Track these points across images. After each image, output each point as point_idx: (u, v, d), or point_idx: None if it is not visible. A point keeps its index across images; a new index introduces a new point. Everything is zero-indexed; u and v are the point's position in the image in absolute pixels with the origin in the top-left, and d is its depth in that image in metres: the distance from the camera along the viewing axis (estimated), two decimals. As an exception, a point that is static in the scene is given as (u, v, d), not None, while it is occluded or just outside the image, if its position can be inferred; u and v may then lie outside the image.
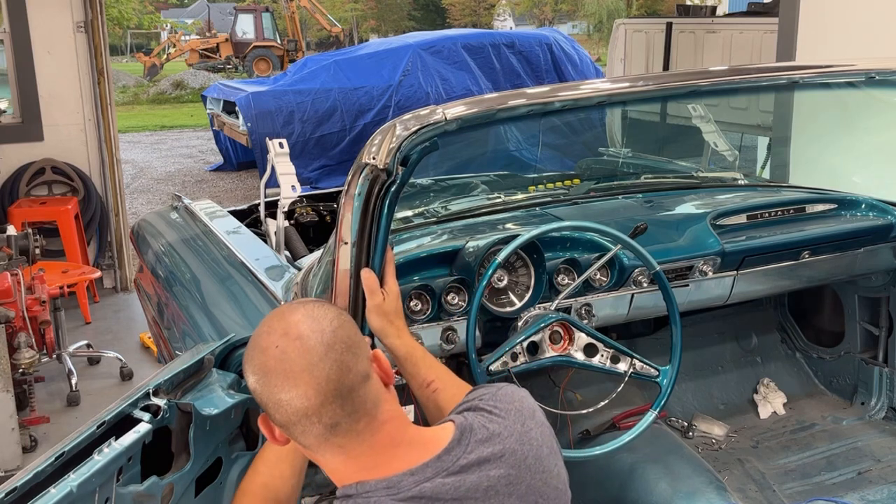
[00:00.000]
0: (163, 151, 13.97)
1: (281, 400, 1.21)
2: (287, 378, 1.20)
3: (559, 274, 2.34)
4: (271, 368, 1.22)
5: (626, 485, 2.35)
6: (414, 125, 1.60)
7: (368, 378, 1.25)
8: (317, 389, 1.20)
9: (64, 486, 1.40)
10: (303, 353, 1.21)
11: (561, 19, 40.97)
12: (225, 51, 27.13)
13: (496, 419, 1.32)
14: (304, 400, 1.20)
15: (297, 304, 1.30)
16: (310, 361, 1.20)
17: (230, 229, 3.10)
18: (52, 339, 4.11)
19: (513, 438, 1.30)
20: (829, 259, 2.71)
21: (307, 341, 1.22)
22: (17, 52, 5.77)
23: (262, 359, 1.23)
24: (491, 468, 1.25)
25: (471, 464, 1.24)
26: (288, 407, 1.21)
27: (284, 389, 1.21)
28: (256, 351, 1.25)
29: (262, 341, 1.25)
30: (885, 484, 2.62)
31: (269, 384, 1.22)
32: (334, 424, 1.21)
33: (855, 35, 4.32)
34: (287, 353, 1.21)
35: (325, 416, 1.20)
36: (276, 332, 1.24)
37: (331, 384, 1.20)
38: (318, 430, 1.21)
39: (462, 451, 1.25)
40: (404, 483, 1.21)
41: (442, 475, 1.22)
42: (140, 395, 1.67)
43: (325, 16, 29.33)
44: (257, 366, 1.24)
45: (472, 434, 1.28)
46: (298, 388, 1.20)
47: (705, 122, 3.82)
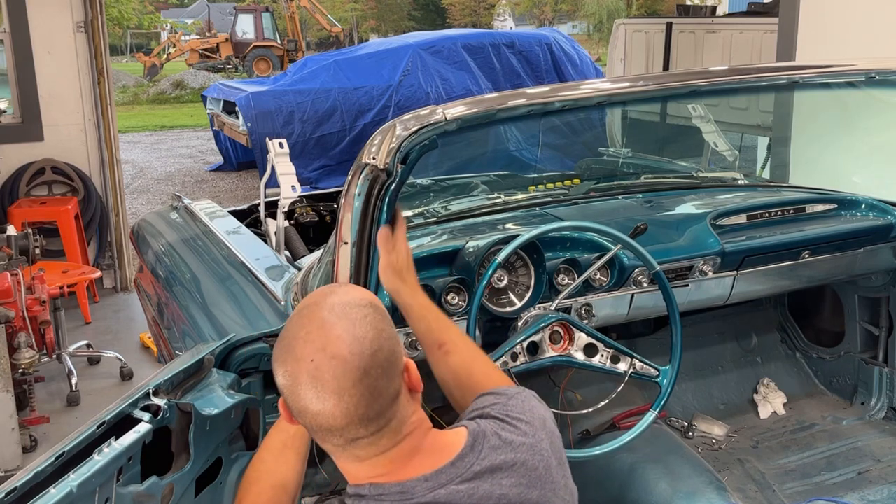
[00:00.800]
0: (163, 151, 13.97)
1: (307, 409, 1.19)
2: (317, 394, 1.17)
3: (559, 274, 2.34)
4: (303, 381, 1.18)
5: (626, 485, 2.35)
6: (414, 125, 1.60)
7: (398, 397, 1.22)
8: (344, 413, 1.17)
9: (64, 486, 1.40)
10: (337, 377, 1.17)
11: (561, 19, 40.97)
12: (225, 51, 27.13)
13: (508, 428, 1.31)
14: (330, 419, 1.18)
15: (341, 312, 1.22)
16: (342, 386, 1.17)
17: (230, 229, 3.10)
18: (52, 339, 4.11)
19: (524, 448, 1.29)
20: (829, 259, 2.71)
21: (344, 363, 1.17)
22: (17, 52, 5.76)
23: (295, 367, 1.20)
24: (503, 477, 1.25)
25: (484, 471, 1.24)
26: (313, 418, 1.20)
27: (312, 403, 1.18)
28: (290, 357, 1.21)
29: (298, 349, 1.20)
30: (885, 484, 2.62)
31: (297, 392, 1.20)
32: (356, 439, 1.20)
33: (855, 35, 4.32)
34: (321, 371, 1.17)
35: (347, 434, 1.20)
36: (314, 343, 1.19)
37: (360, 410, 1.18)
38: (339, 441, 1.21)
39: (475, 457, 1.24)
40: (418, 489, 1.21)
41: (456, 482, 1.22)
42: (140, 395, 1.67)
43: (325, 16, 29.33)
44: (289, 372, 1.20)
45: (485, 441, 1.27)
46: (326, 407, 1.17)
47: (705, 122, 3.82)
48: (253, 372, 1.91)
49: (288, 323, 1.26)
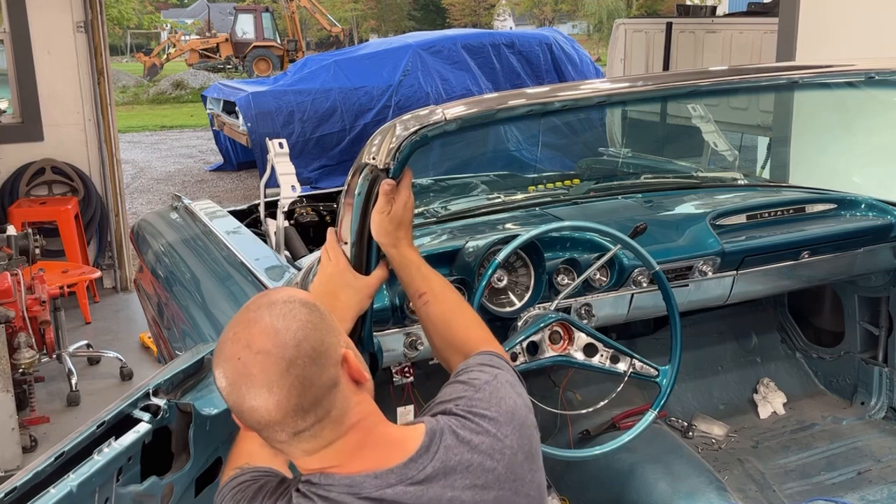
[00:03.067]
0: (163, 151, 13.97)
1: (244, 407, 1.21)
2: (248, 390, 1.19)
3: (559, 274, 2.34)
4: (235, 380, 1.21)
5: (626, 485, 2.35)
6: (414, 125, 1.60)
7: (335, 386, 1.22)
8: (277, 405, 1.19)
9: (64, 486, 1.40)
10: (264, 370, 1.18)
11: (561, 19, 40.96)
12: (225, 51, 27.12)
13: (469, 425, 1.29)
14: (265, 414, 1.20)
15: (264, 308, 1.24)
16: (270, 379, 1.18)
17: (230, 229, 3.10)
18: (52, 339, 4.11)
19: (483, 447, 1.28)
20: (829, 259, 2.71)
21: (268, 357, 1.19)
22: (17, 52, 5.76)
23: (227, 367, 1.22)
24: (456, 479, 1.24)
25: (436, 473, 1.23)
26: (251, 415, 1.21)
27: (246, 399, 1.20)
28: (222, 358, 1.23)
29: (227, 350, 1.23)
30: (885, 484, 2.62)
31: (234, 393, 1.22)
32: (298, 432, 1.21)
33: (855, 35, 4.32)
34: (248, 368, 1.19)
35: (288, 427, 1.20)
36: (240, 342, 1.21)
37: (292, 400, 1.19)
38: (283, 437, 1.22)
39: (428, 459, 1.24)
40: (367, 484, 1.21)
41: (405, 483, 1.22)
42: (140, 395, 1.68)
43: (325, 16, 29.33)
44: (223, 373, 1.23)
45: (441, 440, 1.26)
46: (259, 402, 1.19)
47: (705, 122, 3.82)
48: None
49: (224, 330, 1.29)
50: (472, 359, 1.48)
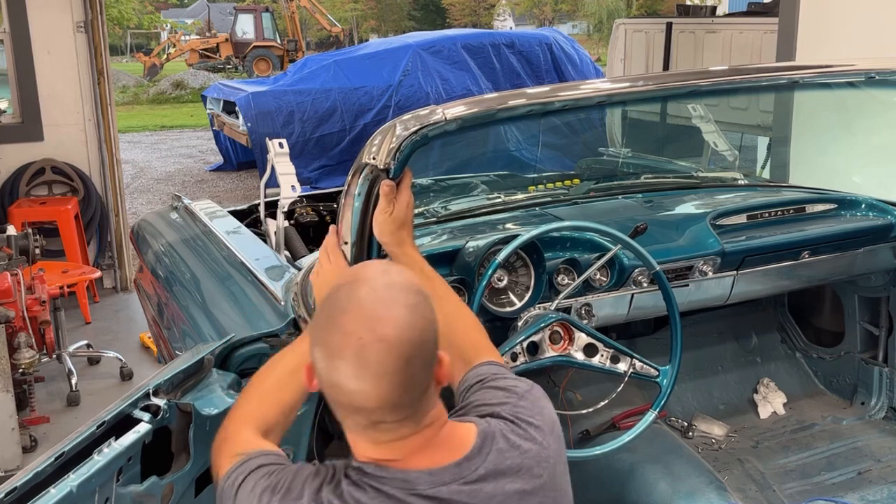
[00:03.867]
0: (163, 151, 13.97)
1: (341, 385, 1.18)
2: (357, 373, 1.16)
3: (559, 274, 2.35)
4: (344, 356, 1.17)
5: (626, 485, 2.35)
6: (414, 125, 1.60)
7: (429, 387, 1.22)
8: (378, 396, 1.17)
9: (64, 486, 1.40)
10: (381, 360, 1.15)
11: (561, 19, 40.96)
12: (225, 51, 27.12)
13: (518, 431, 1.31)
14: (363, 400, 1.17)
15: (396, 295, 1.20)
16: (383, 370, 1.16)
17: (230, 229, 3.10)
18: (52, 339, 4.11)
19: (531, 454, 1.29)
20: (829, 259, 2.71)
21: (391, 348, 1.16)
22: (17, 52, 5.76)
23: (339, 342, 1.17)
24: (507, 482, 1.25)
25: (488, 474, 1.24)
26: (345, 395, 1.19)
27: (349, 380, 1.17)
28: (336, 329, 1.18)
29: (346, 323, 1.17)
30: (885, 484, 2.62)
31: (334, 366, 1.18)
32: (379, 422, 1.20)
33: (855, 35, 4.32)
34: (366, 351, 1.15)
35: (374, 417, 1.19)
36: (364, 321, 1.17)
37: (394, 396, 1.17)
38: (362, 421, 1.21)
39: (481, 460, 1.25)
40: (421, 481, 1.21)
41: (458, 482, 1.22)
42: (140, 395, 1.68)
43: (325, 16, 29.33)
44: (330, 345, 1.18)
45: (493, 443, 1.27)
46: (363, 388, 1.16)
47: (705, 122, 3.82)
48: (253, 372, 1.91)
49: (335, 292, 1.23)
50: (492, 367, 1.48)
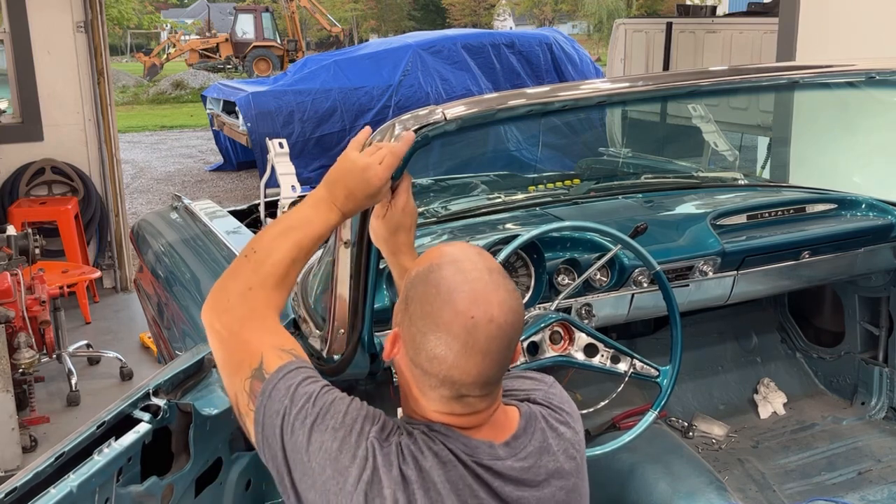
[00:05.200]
0: (163, 151, 13.97)
1: (443, 358, 1.23)
2: (463, 349, 1.22)
3: (559, 274, 2.34)
4: (452, 332, 1.22)
5: (626, 485, 2.35)
6: (413, 125, 1.60)
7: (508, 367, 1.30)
8: (479, 373, 1.23)
9: (64, 487, 1.40)
10: (489, 340, 1.22)
11: (561, 19, 40.96)
12: (225, 51, 27.11)
13: (554, 415, 1.38)
14: (462, 374, 1.23)
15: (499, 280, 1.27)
16: (488, 349, 1.22)
17: (230, 229, 3.11)
18: (52, 339, 4.11)
19: (567, 437, 1.37)
20: (830, 259, 2.71)
21: (500, 331, 1.23)
22: (17, 52, 5.76)
23: (451, 318, 1.23)
24: (549, 460, 1.32)
25: (534, 452, 1.31)
26: (442, 367, 1.23)
27: (454, 355, 1.22)
28: (448, 308, 1.23)
29: (458, 301, 1.23)
30: (885, 484, 2.62)
31: (440, 340, 1.23)
32: (464, 396, 1.26)
33: (855, 35, 4.32)
34: (476, 330, 1.22)
35: (463, 391, 1.25)
36: (476, 301, 1.23)
37: (490, 375, 1.25)
38: (447, 393, 1.25)
39: (528, 439, 1.32)
40: (481, 451, 1.27)
41: (511, 459, 1.29)
42: (140, 395, 1.68)
43: (325, 16, 29.32)
44: (441, 320, 1.23)
45: (536, 423, 1.34)
46: (466, 363, 1.22)
47: (705, 122, 3.82)
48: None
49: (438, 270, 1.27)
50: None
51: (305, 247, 1.45)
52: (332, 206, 1.46)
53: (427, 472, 1.22)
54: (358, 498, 1.19)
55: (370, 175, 1.45)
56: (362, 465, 1.21)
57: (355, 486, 1.20)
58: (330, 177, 1.48)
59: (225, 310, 1.38)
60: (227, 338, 1.36)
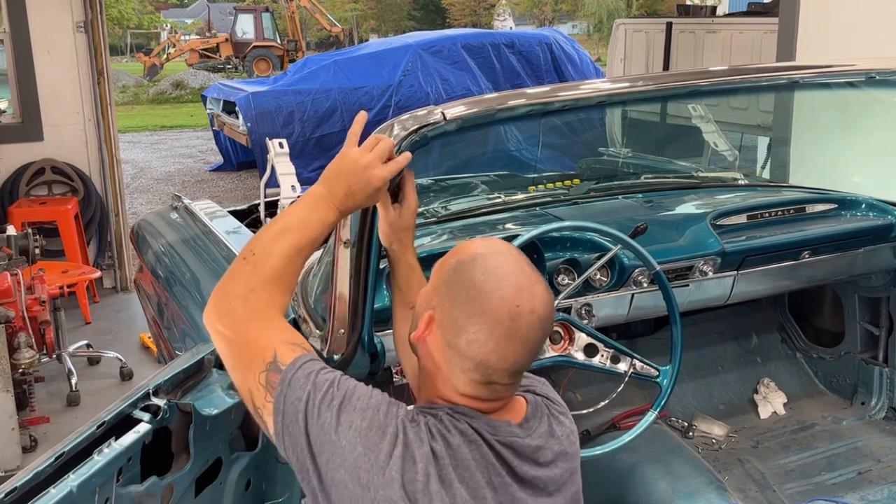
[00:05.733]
0: (163, 151, 13.97)
1: (482, 342, 1.27)
2: (506, 335, 1.27)
3: (559, 274, 2.34)
4: (498, 318, 1.26)
5: (626, 485, 2.35)
6: (412, 125, 1.60)
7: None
8: (515, 360, 1.29)
9: (64, 486, 1.40)
10: (529, 329, 1.28)
11: (561, 19, 40.97)
12: (225, 51, 27.11)
13: (554, 407, 1.45)
14: (500, 360, 1.28)
15: (538, 275, 1.34)
16: (528, 338, 1.28)
17: (230, 229, 3.10)
18: (52, 339, 4.11)
19: (567, 424, 1.45)
20: (830, 259, 2.71)
21: (540, 321, 1.29)
22: (17, 52, 5.76)
23: (496, 304, 1.27)
24: (555, 443, 1.39)
25: (543, 433, 1.38)
26: (480, 351, 1.28)
27: (494, 340, 1.27)
28: (494, 294, 1.27)
29: (504, 289, 1.27)
30: (885, 484, 2.62)
31: (481, 321, 1.27)
32: (493, 383, 1.30)
33: (855, 35, 4.32)
34: (521, 318, 1.27)
35: (494, 376, 1.29)
36: (524, 294, 1.28)
37: (523, 363, 1.31)
38: (478, 378, 1.30)
39: (537, 423, 1.38)
40: (502, 430, 1.31)
41: (524, 438, 1.34)
42: (140, 395, 1.68)
43: (325, 16, 29.33)
44: (483, 305, 1.27)
45: (542, 410, 1.41)
46: (503, 349, 1.27)
47: (705, 122, 3.82)
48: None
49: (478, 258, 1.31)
50: None
51: (303, 247, 1.46)
52: (330, 204, 1.47)
53: (455, 449, 1.26)
54: (391, 473, 1.22)
55: (371, 175, 1.47)
56: (393, 441, 1.23)
57: (387, 461, 1.22)
58: (328, 174, 1.48)
59: (227, 312, 1.39)
60: (234, 339, 1.38)
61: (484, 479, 1.27)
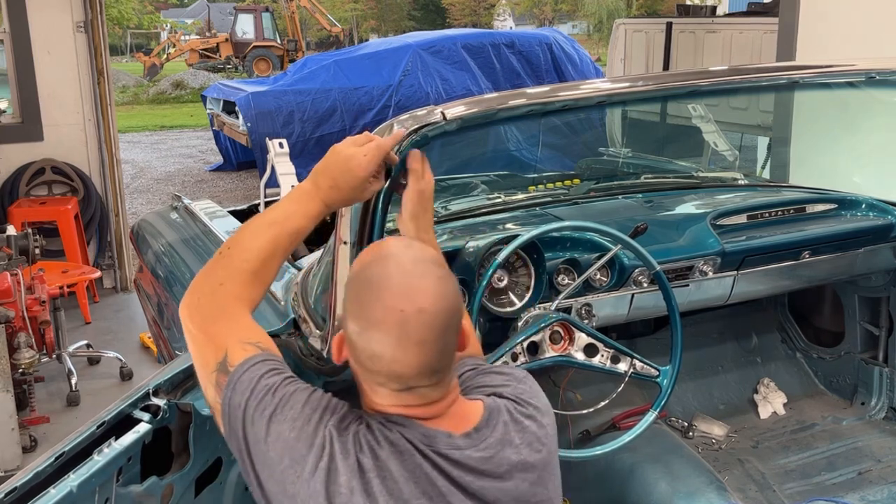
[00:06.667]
0: (163, 151, 13.97)
1: (382, 355, 1.23)
2: (399, 343, 1.22)
3: (559, 274, 2.34)
4: (385, 328, 1.22)
5: (626, 485, 2.35)
6: (412, 125, 1.60)
7: (455, 353, 1.30)
8: (420, 363, 1.23)
9: (64, 486, 1.40)
10: (421, 330, 1.22)
11: (561, 19, 40.97)
12: (225, 51, 27.11)
13: (521, 409, 1.38)
14: (404, 368, 1.23)
15: (428, 266, 1.28)
16: (424, 339, 1.22)
17: (230, 229, 3.10)
18: (52, 339, 4.11)
19: (531, 430, 1.36)
20: (830, 259, 2.71)
21: (431, 318, 1.23)
22: (17, 52, 5.76)
23: (382, 315, 1.22)
24: (511, 452, 1.31)
25: (495, 443, 1.31)
26: (383, 363, 1.23)
27: (391, 350, 1.22)
28: (378, 303, 1.23)
29: (387, 298, 1.23)
30: (885, 484, 2.62)
31: (375, 338, 1.23)
32: (414, 388, 1.25)
33: (855, 35, 4.32)
34: (407, 323, 1.22)
35: (411, 382, 1.25)
36: (404, 295, 1.23)
37: (433, 364, 1.24)
38: (397, 387, 1.26)
39: (490, 431, 1.31)
40: (440, 441, 1.26)
41: (471, 449, 1.28)
42: (140, 395, 1.68)
43: (325, 16, 29.33)
44: (372, 319, 1.23)
45: (499, 417, 1.33)
46: (405, 356, 1.22)
47: (705, 122, 3.83)
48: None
49: (366, 269, 1.28)
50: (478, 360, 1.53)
51: (283, 241, 1.46)
52: (315, 197, 1.47)
53: (383, 462, 1.22)
54: (315, 485, 1.20)
55: (353, 165, 1.47)
56: (319, 454, 1.22)
57: (312, 473, 1.21)
58: (317, 168, 1.49)
59: (196, 308, 1.39)
60: (197, 334, 1.38)
61: (418, 490, 1.23)
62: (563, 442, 2.64)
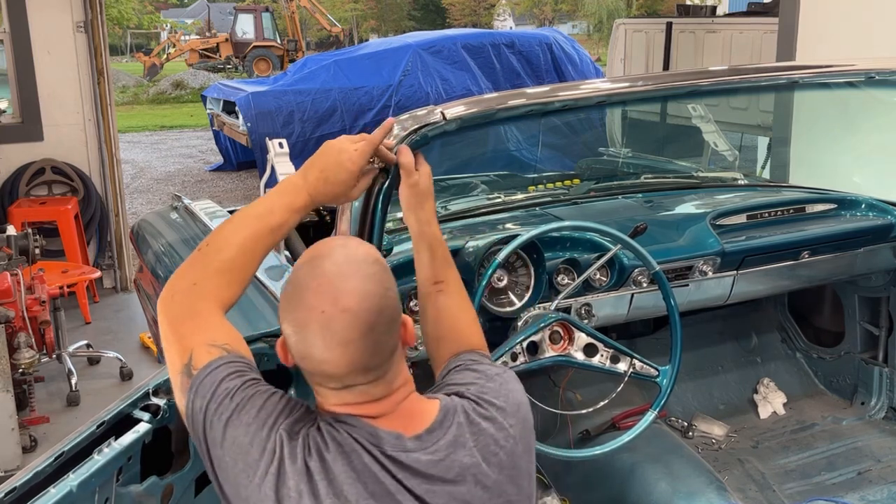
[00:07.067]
0: (163, 151, 13.97)
1: (312, 356, 1.24)
2: (325, 343, 1.22)
3: (559, 274, 2.35)
4: (312, 329, 1.22)
5: (626, 485, 2.35)
6: (412, 125, 1.60)
7: (396, 349, 1.29)
8: (348, 362, 1.23)
9: (64, 486, 1.40)
10: (346, 328, 1.22)
11: (561, 19, 40.97)
12: (225, 51, 27.11)
13: (479, 409, 1.34)
14: (333, 367, 1.23)
15: (353, 265, 1.26)
16: (349, 337, 1.22)
17: (230, 229, 3.09)
18: (51, 339, 4.11)
19: (489, 431, 1.32)
20: (829, 259, 2.71)
21: (354, 317, 1.22)
22: (17, 52, 5.76)
23: (305, 316, 1.23)
24: (464, 455, 1.29)
25: (446, 445, 1.28)
26: (316, 365, 1.24)
27: (318, 350, 1.23)
28: (302, 305, 1.24)
29: (310, 299, 1.23)
30: (885, 484, 2.62)
31: (305, 339, 1.23)
32: (351, 385, 1.26)
33: (855, 35, 4.32)
34: (332, 322, 1.22)
35: (346, 381, 1.25)
36: (326, 295, 1.23)
37: (363, 360, 1.23)
38: (335, 385, 1.26)
39: (442, 433, 1.29)
40: (388, 442, 1.26)
41: (420, 452, 1.27)
42: (140, 395, 1.68)
43: (325, 16, 29.32)
44: (299, 319, 1.24)
45: (454, 418, 1.31)
46: (332, 356, 1.22)
47: (705, 122, 3.83)
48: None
49: (297, 270, 1.29)
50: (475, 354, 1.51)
51: (263, 236, 1.46)
52: (301, 189, 1.48)
53: (329, 464, 1.22)
54: (266, 491, 1.21)
55: (344, 158, 1.47)
56: (270, 459, 1.22)
57: (263, 478, 1.21)
58: (308, 162, 1.50)
59: (168, 307, 1.39)
60: (167, 334, 1.37)
61: (366, 491, 1.22)
62: (563, 442, 2.65)
